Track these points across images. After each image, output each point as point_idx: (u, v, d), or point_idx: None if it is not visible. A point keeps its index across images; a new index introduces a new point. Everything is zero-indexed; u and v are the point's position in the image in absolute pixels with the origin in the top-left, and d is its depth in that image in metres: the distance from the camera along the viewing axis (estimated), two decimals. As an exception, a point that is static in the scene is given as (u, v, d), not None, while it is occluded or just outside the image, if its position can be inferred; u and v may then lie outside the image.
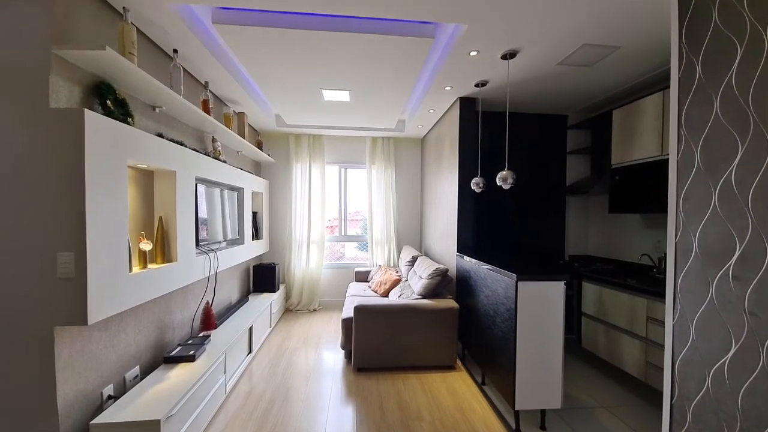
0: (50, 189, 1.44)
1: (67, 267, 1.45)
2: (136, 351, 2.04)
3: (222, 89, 2.99)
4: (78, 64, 1.58)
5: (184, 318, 2.58)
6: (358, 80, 2.84)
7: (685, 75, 1.06)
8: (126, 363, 1.96)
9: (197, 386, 2.01)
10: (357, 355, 2.88)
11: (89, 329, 1.69)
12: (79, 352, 1.63)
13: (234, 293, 3.68)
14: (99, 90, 1.69)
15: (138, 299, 1.81)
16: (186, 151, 2.29)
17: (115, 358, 1.87)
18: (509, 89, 2.93)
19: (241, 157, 3.83)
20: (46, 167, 1.44)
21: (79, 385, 1.62)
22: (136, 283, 1.79)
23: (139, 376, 2.05)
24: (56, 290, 1.45)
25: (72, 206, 1.45)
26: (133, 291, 1.77)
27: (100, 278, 1.53)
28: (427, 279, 3.12)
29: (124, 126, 1.68)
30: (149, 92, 1.97)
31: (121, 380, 1.91)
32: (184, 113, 2.37)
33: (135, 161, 1.82)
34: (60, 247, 1.45)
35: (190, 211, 2.35)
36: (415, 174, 5.06)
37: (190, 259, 2.35)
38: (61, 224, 1.45)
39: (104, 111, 1.69)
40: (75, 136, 1.44)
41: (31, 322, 1.47)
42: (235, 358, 2.70)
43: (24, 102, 1.44)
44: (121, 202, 1.67)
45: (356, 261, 5.21)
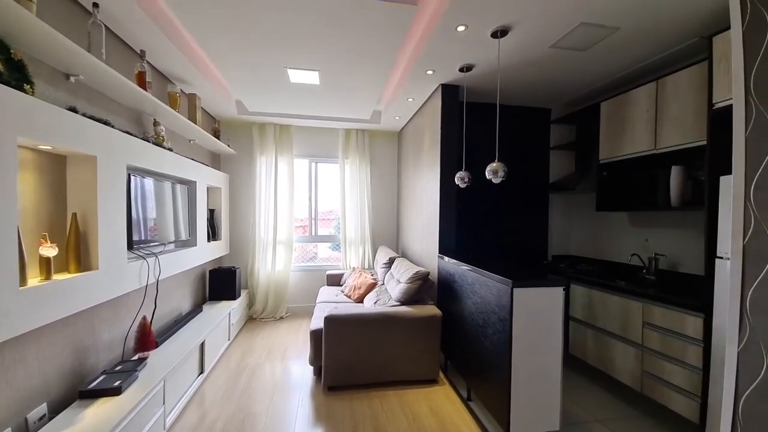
0: None
1: None
2: (41, 384, 1.58)
3: (166, 63, 2.52)
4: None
5: (113, 337, 2.12)
6: (328, 58, 2.48)
7: (750, 29, 0.82)
8: (28, 400, 1.50)
9: (121, 427, 1.58)
10: (328, 372, 2.54)
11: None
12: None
13: (185, 303, 3.20)
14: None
15: (36, 320, 1.37)
16: (113, 133, 1.84)
17: (11, 395, 1.42)
18: (495, 76, 2.69)
19: (194, 146, 3.35)
20: None
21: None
22: (34, 300, 1.36)
23: (47, 416, 1.59)
24: None
25: None
26: (29, 310, 1.33)
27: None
28: (406, 283, 2.83)
29: (12, 92, 1.24)
30: (60, 54, 1.52)
31: (22, 422, 1.46)
32: (110, 85, 1.91)
33: (32, 140, 1.37)
34: None
35: (119, 207, 1.90)
36: (391, 170, 4.76)
37: (119, 266, 1.91)
38: None
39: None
40: None
41: None
42: (180, 382, 2.27)
43: None
44: (5, 193, 1.23)
45: (329, 263, 4.84)
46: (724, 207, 1.70)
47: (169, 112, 2.40)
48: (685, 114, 2.15)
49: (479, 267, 2.14)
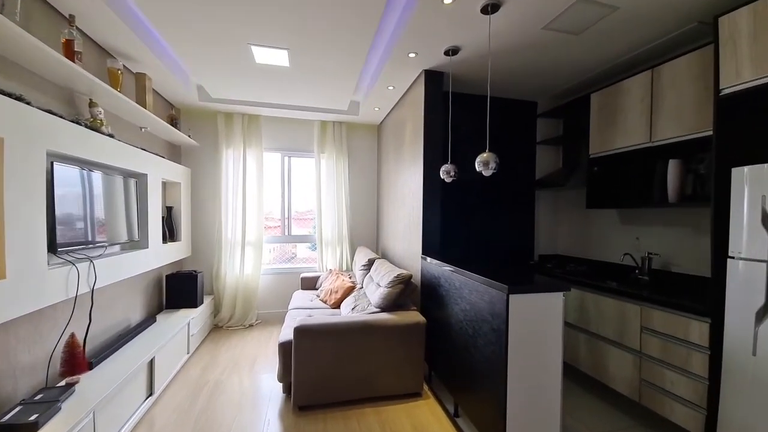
0: None
1: None
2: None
3: (104, 34, 2.15)
4: None
5: (35, 359, 1.74)
6: (298, 32, 2.19)
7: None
8: None
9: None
10: (298, 389, 2.25)
11: None
12: None
13: (134, 313, 2.81)
14: None
15: None
16: (27, 110, 1.49)
17: None
18: (482, 61, 2.49)
19: (147, 135, 2.96)
20: None
21: None
22: None
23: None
24: None
25: None
26: None
27: None
28: (386, 288, 2.58)
29: None
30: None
31: None
32: (28, 54, 1.55)
33: None
34: None
35: (35, 202, 1.54)
36: (371, 165, 4.50)
37: (37, 274, 1.55)
38: None
39: None
40: None
41: None
42: (119, 410, 1.92)
43: None
44: None
45: (309, 264, 4.52)
46: (736, 201, 1.55)
47: (108, 91, 2.04)
48: (683, 104, 2.02)
49: (468, 269, 1.92)
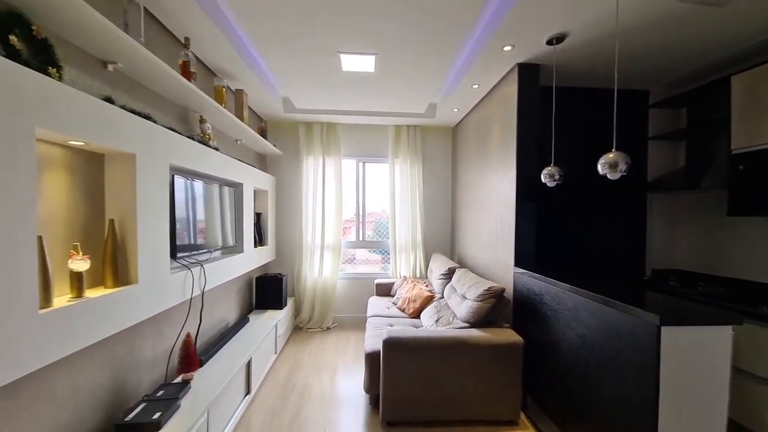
0: None
1: None
2: (72, 419, 1.37)
3: (211, 54, 2.32)
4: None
5: (156, 355, 1.92)
6: (388, 36, 2.14)
7: None
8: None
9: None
10: (387, 404, 2.16)
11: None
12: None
13: (231, 314, 3.01)
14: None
15: (61, 350, 1.14)
16: (155, 128, 1.63)
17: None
18: (591, 48, 2.17)
19: (241, 147, 3.18)
20: None
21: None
22: (60, 324, 1.13)
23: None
24: None
25: None
26: (52, 338, 1.10)
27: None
28: (475, 301, 2.38)
29: (28, 73, 1.02)
30: (90, 33, 1.31)
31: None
32: (153, 76, 1.71)
33: (58, 133, 1.15)
34: None
35: (161, 212, 1.68)
36: (445, 169, 4.32)
37: (162, 279, 1.68)
38: None
39: (5, 52, 1.03)
40: None
41: None
42: (225, 408, 2.02)
43: None
44: (22, 194, 1.00)
45: (368, 267, 4.51)
46: None
47: (216, 108, 2.19)
48: None
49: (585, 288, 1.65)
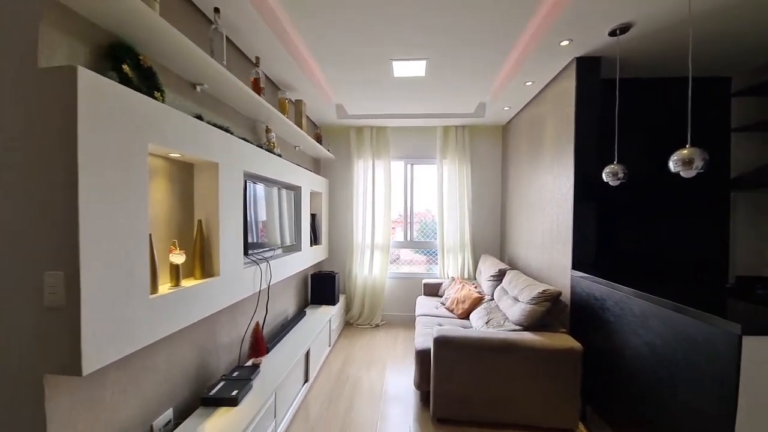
0: (34, 182, 1.02)
1: (55, 292, 1.01)
2: (169, 390, 1.62)
3: (275, 69, 2.54)
4: (88, 15, 1.17)
5: (231, 340, 2.15)
6: (440, 41, 2.19)
7: None
8: (155, 407, 1.53)
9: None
10: (437, 401, 2.21)
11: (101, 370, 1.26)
12: (86, 404, 1.20)
13: (290, 307, 3.25)
14: (113, 52, 1.27)
15: (166, 329, 1.36)
16: (232, 139, 1.84)
17: (140, 403, 1.45)
18: (661, 36, 2.03)
19: (298, 152, 3.41)
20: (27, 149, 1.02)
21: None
22: (164, 307, 1.35)
23: (173, 422, 1.61)
24: (43, 324, 1.02)
25: (61, 204, 1.01)
26: (158, 319, 1.32)
27: (104, 307, 1.08)
28: (529, 304, 2.33)
29: (142, 98, 1.23)
30: (185, 60, 1.53)
31: (147, 430, 1.48)
32: (231, 94, 1.93)
33: (163, 147, 1.37)
34: (47, 263, 1.02)
35: (236, 213, 1.90)
36: (494, 169, 4.24)
37: (237, 272, 1.90)
38: (49, 230, 1.02)
39: (119, 79, 1.26)
40: (65, 105, 0.99)
41: (14, 367, 1.06)
42: (289, 392, 2.21)
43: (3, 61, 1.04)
44: (137, 200, 1.22)
45: (412, 267, 4.55)
46: None
47: (281, 118, 2.40)
48: None
49: (660, 295, 1.55)
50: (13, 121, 1.03)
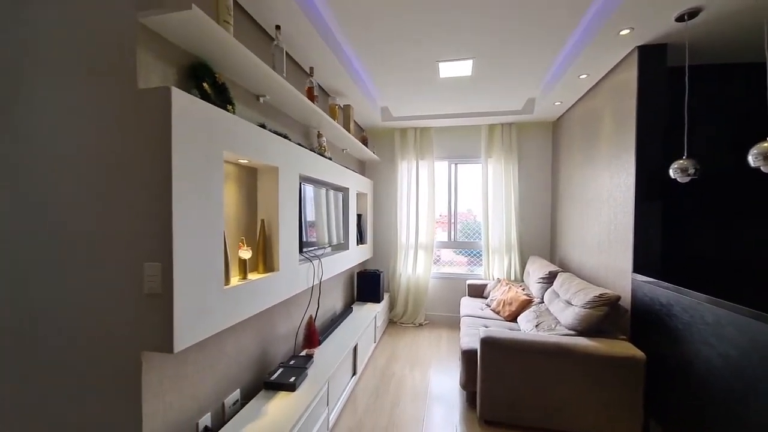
0: (137, 186, 1.20)
1: (154, 280, 1.19)
2: (236, 372, 1.79)
3: (326, 77, 2.68)
4: (171, 38, 1.35)
5: (287, 331, 2.32)
6: (487, 39, 2.17)
7: None
8: (225, 387, 1.71)
9: (299, 425, 1.64)
10: (484, 402, 2.19)
11: (184, 351, 1.45)
12: (172, 378, 1.39)
13: (338, 303, 3.40)
14: (195, 71, 1.45)
15: (236, 317, 1.51)
16: (290, 145, 1.99)
17: (214, 382, 1.63)
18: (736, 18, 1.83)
19: (346, 155, 3.55)
20: (130, 158, 1.21)
21: (171, 416, 1.37)
22: (234, 298, 1.50)
23: (240, 401, 1.79)
24: (143, 308, 1.21)
25: (158, 206, 1.18)
26: (230, 307, 1.47)
27: (190, 295, 1.24)
28: (583, 308, 2.23)
29: (218, 111, 1.40)
30: (251, 75, 1.69)
31: (219, 407, 1.66)
32: (289, 103, 2.09)
33: (234, 154, 1.54)
34: (146, 256, 1.20)
35: (293, 213, 2.05)
36: (543, 167, 4.07)
37: (294, 268, 2.04)
38: (147, 227, 1.19)
39: (200, 95, 1.43)
40: (161, 121, 1.17)
41: (116, 345, 1.25)
42: (338, 383, 2.33)
43: (108, 83, 1.24)
44: (215, 201, 1.38)
45: (453, 267, 4.49)
46: None
47: (332, 123, 2.53)
48: None
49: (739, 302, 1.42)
50: (122, 136, 1.22)
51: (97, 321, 1.26)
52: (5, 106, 1.38)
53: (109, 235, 1.24)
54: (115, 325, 1.24)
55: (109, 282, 1.24)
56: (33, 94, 1.34)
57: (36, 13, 1.33)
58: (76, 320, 1.29)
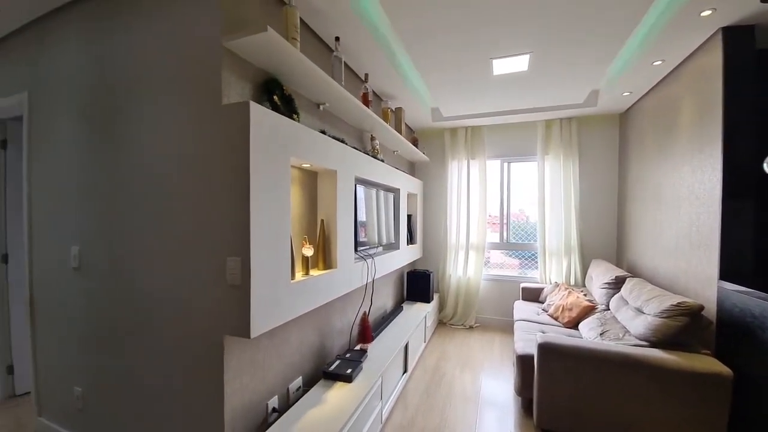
0: (220, 189, 1.37)
1: (234, 273, 1.35)
2: (299, 361, 1.94)
3: (379, 82, 2.77)
4: (247, 58, 1.51)
5: (342, 326, 2.44)
6: (546, 31, 2.08)
7: None
8: (290, 373, 1.86)
9: (356, 416, 1.73)
10: (541, 411, 2.11)
11: (257, 338, 1.61)
12: (248, 363, 1.55)
13: (389, 301, 3.47)
14: (267, 86, 1.60)
15: (300, 309, 1.64)
16: (347, 149, 2.10)
17: (280, 368, 1.78)
18: None
19: (397, 156, 3.62)
20: (215, 166, 1.38)
21: (245, 396, 1.54)
22: (299, 292, 1.63)
23: (302, 388, 1.93)
24: (226, 297, 1.37)
25: (238, 207, 1.33)
26: (295, 300, 1.60)
27: (264, 287, 1.38)
28: (659, 317, 2.04)
29: (287, 120, 1.53)
30: (314, 85, 1.82)
31: (284, 392, 1.81)
32: (346, 109, 2.20)
33: (298, 160, 1.67)
34: (228, 251, 1.36)
35: (349, 214, 2.15)
36: (608, 163, 3.76)
37: (350, 266, 2.15)
38: (229, 226, 1.35)
39: (271, 107, 1.58)
40: (241, 132, 1.32)
41: (205, 328, 1.43)
42: (390, 378, 2.39)
43: (198, 100, 1.42)
44: (284, 203, 1.51)
45: (503, 270, 4.30)
46: None
47: (384, 126, 2.61)
48: None
49: None
50: (209, 147, 1.40)
51: (191, 307, 1.46)
52: (118, 123, 1.66)
53: (199, 233, 1.43)
54: (204, 311, 1.43)
55: (200, 274, 1.43)
56: (139, 110, 1.59)
57: (142, 42, 1.58)
58: (176, 306, 1.51)
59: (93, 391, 1.79)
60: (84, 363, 1.81)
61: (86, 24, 1.76)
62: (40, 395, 2.03)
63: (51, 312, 1.95)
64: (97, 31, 1.72)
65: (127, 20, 1.62)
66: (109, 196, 1.69)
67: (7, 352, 2.44)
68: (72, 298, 1.85)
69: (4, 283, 2.44)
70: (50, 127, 1.92)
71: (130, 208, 1.63)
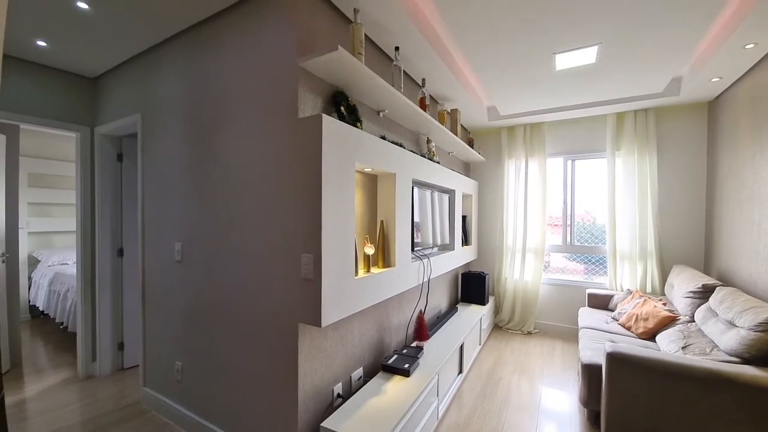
0: (295, 193, 1.54)
1: (308, 268, 1.51)
2: (360, 352, 2.07)
3: (436, 86, 2.81)
4: (319, 75, 1.66)
5: (399, 323, 2.53)
6: (617, 19, 1.95)
7: None
8: (352, 363, 2.00)
9: (413, 409, 1.81)
10: (611, 424, 1.98)
11: (324, 328, 1.76)
12: (317, 350, 1.71)
13: (443, 302, 3.49)
14: (335, 98, 1.75)
15: (362, 304, 1.76)
16: (405, 153, 2.19)
17: (343, 358, 1.92)
18: None
19: (452, 158, 3.63)
20: (292, 173, 1.56)
21: (315, 380, 1.70)
22: (362, 287, 1.76)
23: (363, 378, 2.06)
24: (299, 289, 1.53)
25: (311, 209, 1.49)
26: (358, 295, 1.73)
27: (332, 282, 1.53)
28: (754, 331, 1.81)
29: (353, 129, 1.66)
30: (375, 94, 1.94)
31: (347, 380, 1.95)
32: (404, 114, 2.29)
33: (361, 164, 1.79)
34: (302, 248, 1.52)
35: (406, 215, 2.23)
36: (694, 158, 3.36)
37: (407, 265, 2.23)
38: (304, 226, 1.52)
39: (338, 117, 1.73)
40: (315, 142, 1.47)
41: (282, 315, 1.62)
42: (446, 377, 2.43)
43: (277, 115, 1.61)
44: (349, 205, 1.65)
45: (564, 275, 4.02)
46: None
47: (440, 129, 2.65)
48: None
49: None
50: (287, 156, 1.58)
51: (271, 297, 1.66)
52: (211, 139, 1.93)
53: (278, 232, 1.62)
54: (281, 301, 1.62)
55: (278, 268, 1.62)
56: (228, 127, 1.84)
57: (229, 67, 1.82)
58: (258, 296, 1.72)
59: (189, 365, 2.10)
60: (183, 341, 2.14)
61: (185, 52, 2.07)
62: (146, 368, 2.43)
63: (158, 298, 2.33)
64: (193, 60, 2.02)
65: (216, 50, 1.88)
66: (205, 200, 1.98)
67: (119, 331, 2.95)
68: (175, 287, 2.19)
69: (119, 273, 2.95)
70: (157, 142, 2.29)
71: (221, 211, 1.89)
